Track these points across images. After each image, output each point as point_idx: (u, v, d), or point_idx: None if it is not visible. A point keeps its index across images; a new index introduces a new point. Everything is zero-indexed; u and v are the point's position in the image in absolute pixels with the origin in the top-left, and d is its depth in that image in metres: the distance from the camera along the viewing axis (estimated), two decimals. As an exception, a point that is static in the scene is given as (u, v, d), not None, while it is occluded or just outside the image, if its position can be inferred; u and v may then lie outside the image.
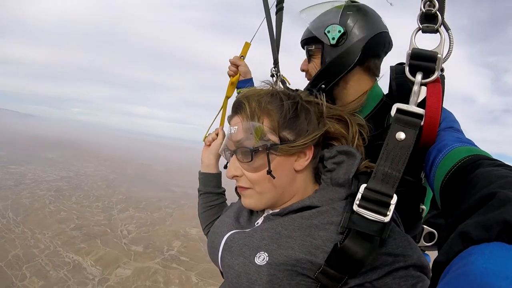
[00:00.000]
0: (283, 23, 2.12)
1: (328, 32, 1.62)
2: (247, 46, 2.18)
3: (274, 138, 1.15)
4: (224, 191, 1.87)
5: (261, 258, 1.05)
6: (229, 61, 2.15)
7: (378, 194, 0.91)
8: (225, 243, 1.24)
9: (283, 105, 1.18)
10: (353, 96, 1.67)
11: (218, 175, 1.85)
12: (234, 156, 1.23)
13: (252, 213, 1.37)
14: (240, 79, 2.13)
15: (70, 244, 65.89)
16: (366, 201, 0.92)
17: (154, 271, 58.51)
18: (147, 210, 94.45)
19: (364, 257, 0.90)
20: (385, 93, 1.68)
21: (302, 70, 1.78)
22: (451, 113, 1.26)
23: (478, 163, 0.81)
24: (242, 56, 2.17)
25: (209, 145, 1.83)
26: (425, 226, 1.52)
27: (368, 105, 1.61)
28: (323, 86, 1.64)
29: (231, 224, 1.34)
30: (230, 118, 1.28)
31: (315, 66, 1.71)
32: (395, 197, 0.90)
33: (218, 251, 1.25)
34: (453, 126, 1.15)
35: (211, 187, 1.81)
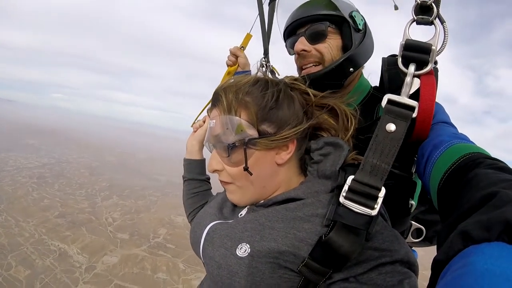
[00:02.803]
0: (275, 13, 2.02)
1: (355, 16, 1.56)
2: (248, 37, 2.15)
3: (252, 132, 1.09)
4: (208, 178, 1.85)
5: (243, 250, 1.02)
6: (229, 50, 2.10)
7: (365, 187, 0.89)
8: (207, 234, 1.20)
9: (264, 96, 1.12)
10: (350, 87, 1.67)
11: (202, 161, 1.82)
12: (215, 150, 1.21)
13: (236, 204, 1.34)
14: (238, 71, 2.08)
15: (55, 232, 65.85)
16: (353, 193, 0.90)
17: (141, 258, 59.34)
18: (131, 198, 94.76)
19: (349, 251, 0.87)
20: (372, 86, 1.69)
21: (302, 51, 1.59)
22: (441, 105, 1.25)
23: (477, 162, 0.80)
24: (242, 47, 2.14)
25: (196, 131, 1.82)
26: (413, 222, 1.52)
27: (356, 98, 1.59)
28: (352, 69, 1.56)
29: (214, 214, 1.31)
30: (209, 111, 1.25)
31: (331, 47, 1.57)
32: (383, 190, 0.88)
33: (200, 242, 1.22)
34: (447, 121, 1.13)
35: (194, 173, 1.80)
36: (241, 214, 1.23)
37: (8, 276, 49.70)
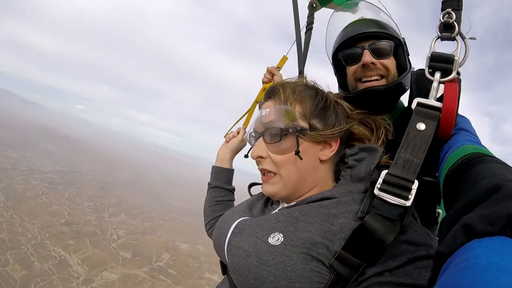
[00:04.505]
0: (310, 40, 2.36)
1: (404, 42, 1.67)
2: (284, 59, 2.29)
3: (304, 124, 1.17)
4: (234, 189, 1.87)
5: (276, 239, 1.01)
6: (266, 69, 2.20)
7: (399, 179, 0.91)
8: (235, 226, 1.20)
9: (316, 96, 1.23)
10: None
11: (231, 171, 1.86)
12: (261, 138, 1.23)
13: (266, 206, 1.35)
14: None
15: (58, 239, 65.63)
16: (387, 185, 0.92)
17: (141, 279, 58.36)
18: (139, 218, 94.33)
19: (385, 235, 0.86)
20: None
21: (371, 63, 1.58)
22: (468, 119, 1.29)
23: (481, 159, 0.84)
24: (278, 67, 2.24)
25: (229, 141, 1.88)
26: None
27: (392, 116, 1.61)
28: (407, 88, 1.62)
29: (243, 212, 1.30)
30: (262, 103, 1.31)
31: (393, 64, 1.61)
32: (416, 183, 0.90)
33: (226, 235, 1.20)
34: (468, 129, 1.18)
35: (221, 181, 1.82)
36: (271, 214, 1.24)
37: (3, 272, 49.20)
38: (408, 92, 1.59)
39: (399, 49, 1.62)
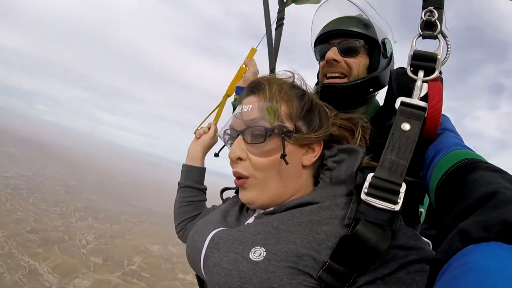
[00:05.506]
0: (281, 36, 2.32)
1: (386, 43, 1.67)
2: (253, 51, 2.29)
3: (289, 125, 1.10)
4: (205, 189, 1.78)
5: (257, 254, 0.93)
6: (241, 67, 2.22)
7: (386, 183, 0.88)
8: (210, 240, 1.10)
9: (302, 97, 1.17)
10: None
11: (202, 170, 1.78)
12: (240, 137, 1.15)
13: (241, 213, 1.28)
14: (241, 85, 2.12)
15: (26, 247, 64.57)
16: (375, 189, 0.88)
17: (114, 284, 58.82)
18: (107, 222, 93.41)
19: (378, 244, 0.82)
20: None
21: (333, 60, 1.62)
22: (448, 117, 1.28)
23: (475, 166, 0.82)
24: (248, 60, 2.25)
25: (199, 138, 1.80)
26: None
27: (367, 115, 1.55)
28: (372, 90, 1.65)
29: (218, 222, 1.22)
30: (243, 97, 1.23)
31: (359, 64, 1.63)
32: (404, 186, 0.87)
33: (201, 250, 1.10)
34: (452, 129, 1.17)
35: (192, 181, 1.73)
36: (247, 223, 1.16)
37: (-28, 287, 47.82)
38: (385, 90, 1.63)
39: (375, 50, 1.65)
